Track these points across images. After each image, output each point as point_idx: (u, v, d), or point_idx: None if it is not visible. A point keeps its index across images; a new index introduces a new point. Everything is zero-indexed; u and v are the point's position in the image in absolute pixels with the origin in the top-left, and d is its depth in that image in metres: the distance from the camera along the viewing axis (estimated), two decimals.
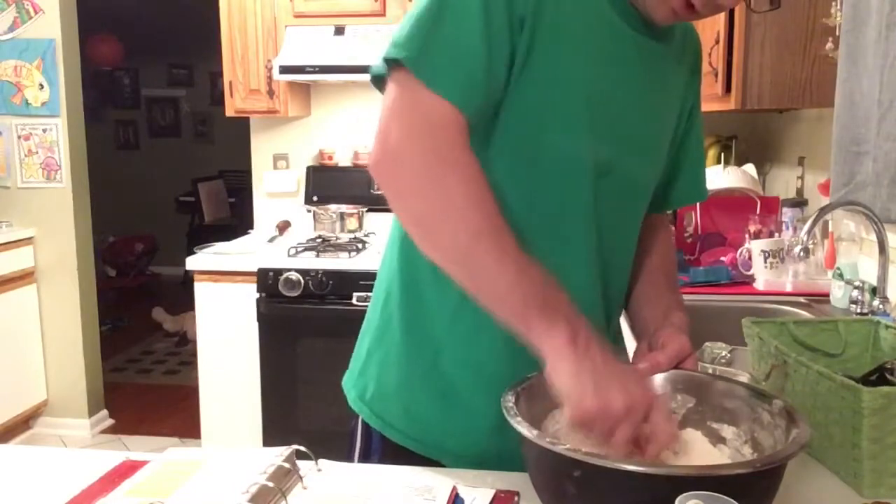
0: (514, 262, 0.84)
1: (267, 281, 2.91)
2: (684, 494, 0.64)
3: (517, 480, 0.90)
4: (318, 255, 3.00)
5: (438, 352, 1.01)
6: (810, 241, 1.94)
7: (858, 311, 1.79)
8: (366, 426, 1.09)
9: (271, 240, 3.35)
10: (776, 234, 2.34)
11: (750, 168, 2.79)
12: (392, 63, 0.88)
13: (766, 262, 2.18)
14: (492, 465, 0.95)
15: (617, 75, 0.96)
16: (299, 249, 3.04)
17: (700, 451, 0.89)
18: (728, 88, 2.23)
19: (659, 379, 0.95)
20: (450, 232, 0.85)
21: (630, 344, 1.13)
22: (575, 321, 0.82)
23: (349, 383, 1.13)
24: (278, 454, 0.90)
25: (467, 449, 1.01)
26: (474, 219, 0.84)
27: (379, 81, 0.92)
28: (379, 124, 0.87)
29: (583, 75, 0.92)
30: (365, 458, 1.09)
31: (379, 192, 3.53)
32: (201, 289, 3.04)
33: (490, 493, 0.89)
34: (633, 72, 0.98)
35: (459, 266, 0.87)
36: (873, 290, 1.76)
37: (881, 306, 1.72)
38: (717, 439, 0.91)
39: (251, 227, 3.69)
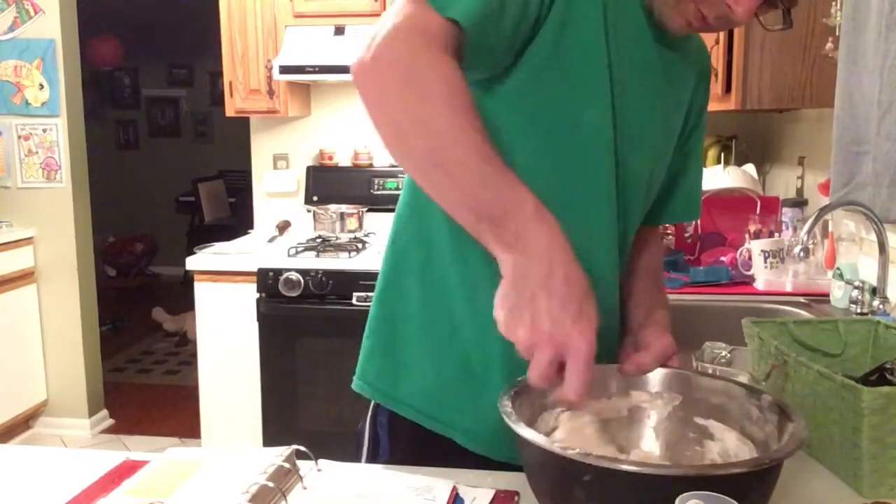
0: (477, 169, 0.79)
1: (267, 281, 2.90)
2: (684, 494, 0.64)
3: (517, 480, 0.90)
4: (318, 255, 3.00)
5: (456, 327, 1.01)
6: (810, 241, 1.94)
7: (858, 311, 1.79)
8: (373, 426, 1.08)
9: (271, 240, 3.35)
10: (776, 234, 2.34)
11: (750, 168, 2.79)
12: None
13: (766, 262, 2.18)
14: (504, 444, 0.93)
15: (637, 74, 0.97)
16: (299, 249, 3.04)
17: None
18: (728, 88, 2.23)
19: (646, 378, 0.95)
20: (421, 133, 0.81)
21: None
22: (523, 244, 0.78)
23: (357, 376, 1.12)
24: (278, 454, 0.90)
25: (481, 425, 1.01)
26: (448, 117, 0.80)
27: None
28: (370, 33, 0.83)
29: (609, 61, 0.94)
30: (373, 458, 1.08)
31: (379, 192, 3.51)
32: (201, 289, 3.04)
33: (490, 493, 0.89)
34: (652, 75, 1.00)
35: (423, 173, 0.84)
36: (873, 290, 1.76)
37: (881, 306, 1.72)
38: (704, 436, 0.91)
39: (251, 227, 3.69)
